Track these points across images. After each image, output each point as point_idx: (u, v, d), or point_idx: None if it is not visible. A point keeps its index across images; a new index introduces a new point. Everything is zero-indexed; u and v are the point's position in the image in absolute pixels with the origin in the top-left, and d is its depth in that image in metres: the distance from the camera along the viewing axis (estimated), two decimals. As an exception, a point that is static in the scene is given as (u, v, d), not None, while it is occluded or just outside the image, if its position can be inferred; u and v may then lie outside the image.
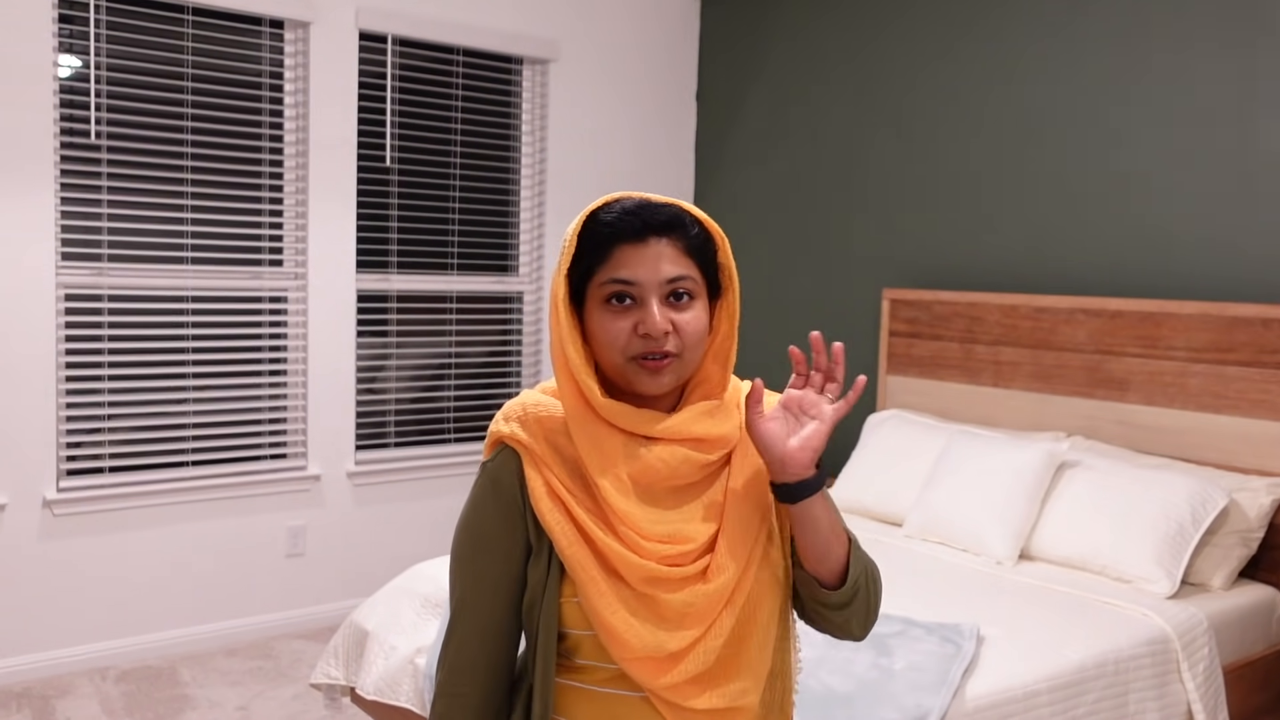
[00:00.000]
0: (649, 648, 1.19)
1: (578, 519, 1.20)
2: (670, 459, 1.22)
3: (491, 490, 1.25)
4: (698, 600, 1.21)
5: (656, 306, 1.20)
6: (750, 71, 4.92)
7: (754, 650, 1.25)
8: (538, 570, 1.23)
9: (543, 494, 1.21)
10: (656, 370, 1.21)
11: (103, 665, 3.77)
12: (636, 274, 1.20)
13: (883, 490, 3.69)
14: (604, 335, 1.21)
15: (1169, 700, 2.64)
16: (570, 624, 1.22)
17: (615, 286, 1.20)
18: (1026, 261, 3.87)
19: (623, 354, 1.20)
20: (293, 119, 4.09)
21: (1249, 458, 3.19)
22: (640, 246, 1.21)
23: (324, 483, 4.22)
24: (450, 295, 4.58)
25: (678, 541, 1.21)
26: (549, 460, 1.22)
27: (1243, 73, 3.30)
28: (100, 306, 3.75)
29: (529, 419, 1.25)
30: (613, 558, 1.19)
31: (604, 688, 1.24)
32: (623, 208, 1.22)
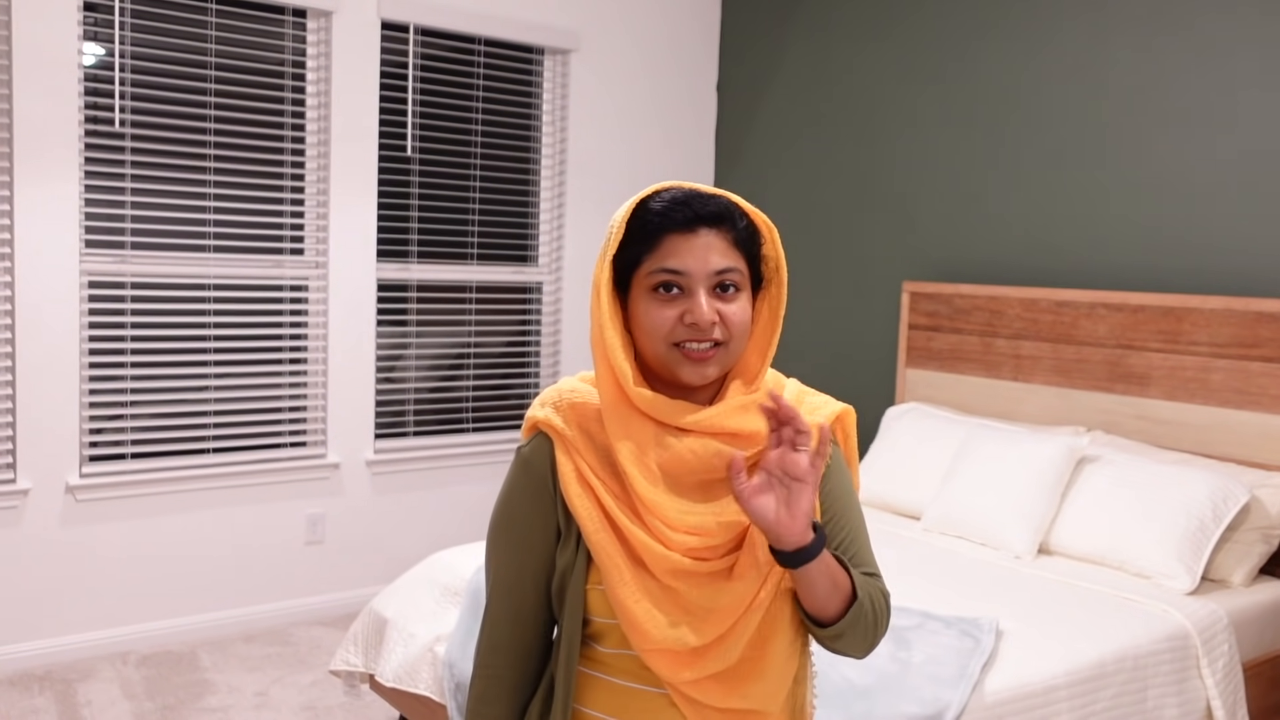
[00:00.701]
0: (669, 640, 1.18)
1: (605, 506, 1.21)
2: (702, 451, 1.21)
3: (524, 474, 1.26)
4: (723, 597, 1.20)
5: (704, 297, 1.20)
6: (771, 63, 4.90)
7: (778, 653, 1.25)
8: (565, 555, 1.24)
9: (572, 479, 1.22)
10: (701, 360, 1.21)
11: (124, 649, 3.81)
12: (685, 264, 1.20)
13: (901, 483, 3.68)
14: (649, 322, 1.21)
15: (1188, 696, 2.64)
16: (595, 611, 1.23)
17: (663, 275, 1.21)
18: (1048, 255, 3.85)
19: (665, 341, 1.21)
20: (314, 108, 4.11)
21: (1271, 454, 3.17)
22: (690, 237, 1.21)
23: (343, 471, 4.25)
24: (470, 285, 4.59)
25: (705, 534, 1.21)
26: (580, 446, 1.23)
27: (1265, 65, 3.27)
28: (123, 294, 3.78)
29: (564, 404, 1.26)
30: (638, 547, 1.19)
31: (625, 680, 1.24)
32: (672, 197, 1.22)
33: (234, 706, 3.37)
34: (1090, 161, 3.72)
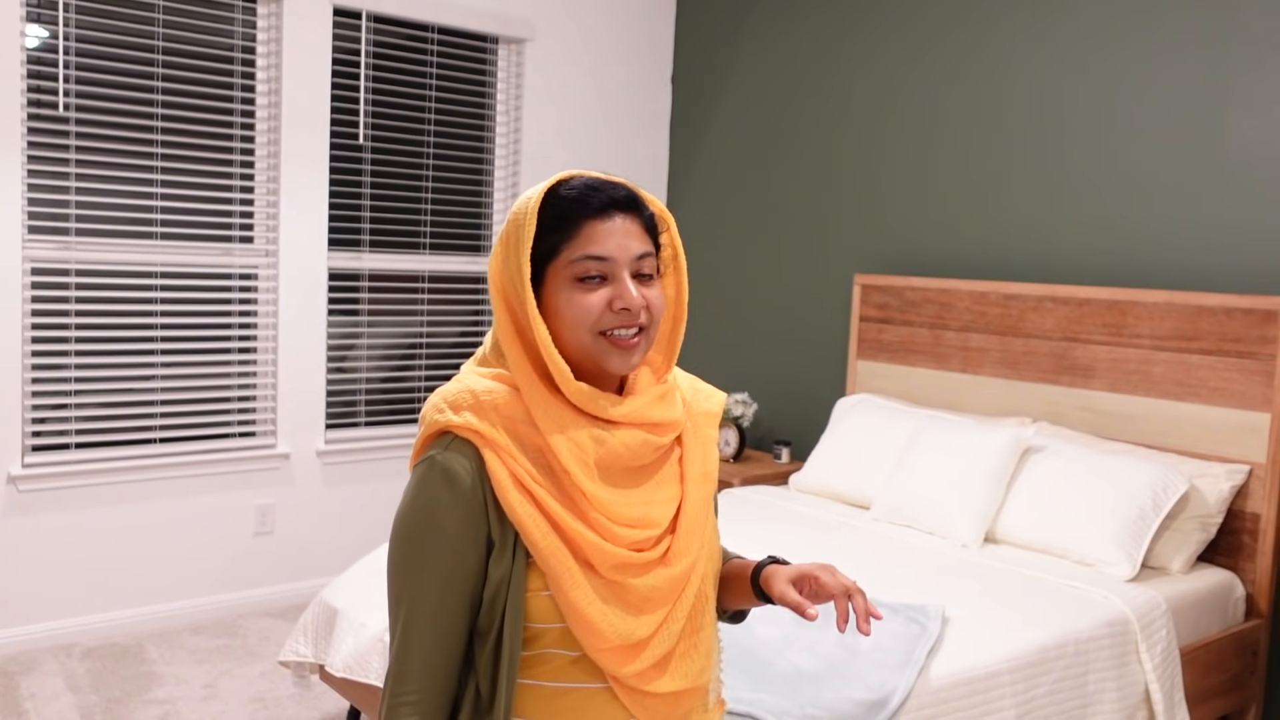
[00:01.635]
0: (621, 636, 1.18)
1: (547, 509, 1.16)
2: (633, 443, 1.22)
3: (446, 485, 1.16)
4: (661, 584, 1.22)
5: (629, 282, 1.19)
6: (725, 56, 4.92)
7: (708, 628, 1.28)
8: (501, 565, 1.17)
9: (509, 485, 1.16)
10: (629, 347, 1.20)
11: (68, 642, 3.75)
12: (608, 249, 1.18)
13: (851, 474, 3.72)
14: (574, 312, 1.18)
15: (1127, 680, 2.70)
16: (535, 618, 1.18)
17: (588, 263, 1.18)
18: (997, 249, 3.91)
19: (592, 331, 1.18)
20: (265, 94, 4.06)
21: (1209, 444, 3.25)
22: (607, 222, 1.19)
23: (293, 461, 4.21)
24: (422, 275, 4.56)
25: (647, 525, 1.22)
26: (511, 449, 1.17)
27: (1211, 66, 3.34)
28: (67, 281, 3.71)
29: (483, 406, 1.18)
30: (586, 547, 1.17)
31: (560, 681, 1.21)
32: (584, 184, 1.21)
33: (181, 699, 3.34)
34: (1039, 158, 3.78)
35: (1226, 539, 3.23)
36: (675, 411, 1.27)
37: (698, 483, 1.28)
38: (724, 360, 4.95)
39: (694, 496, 1.27)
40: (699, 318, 5.08)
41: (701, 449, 1.30)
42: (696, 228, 5.09)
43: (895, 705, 2.17)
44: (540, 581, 1.17)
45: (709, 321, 5.03)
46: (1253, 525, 3.18)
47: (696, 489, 1.27)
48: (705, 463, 1.30)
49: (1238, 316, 3.18)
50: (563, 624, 1.18)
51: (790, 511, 3.59)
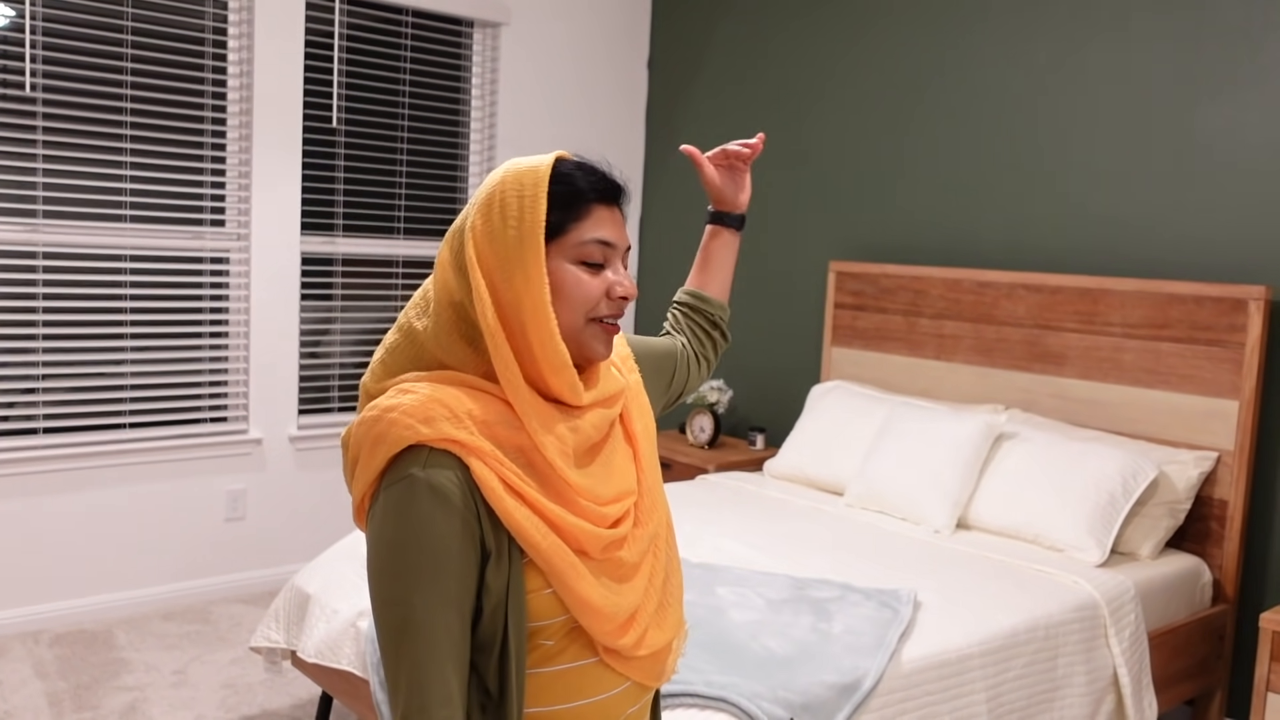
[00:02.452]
0: (621, 611, 1.18)
1: (541, 509, 1.14)
2: (598, 422, 1.22)
3: (438, 502, 1.09)
4: (641, 546, 1.23)
5: (624, 271, 1.22)
6: (702, 42, 4.91)
7: (676, 574, 1.30)
8: (500, 573, 1.13)
9: (502, 492, 1.11)
10: (613, 334, 1.21)
11: (36, 629, 3.71)
12: (613, 236, 1.19)
13: (825, 460, 3.74)
14: (578, 294, 1.17)
15: (1096, 664, 2.73)
16: (535, 617, 1.16)
17: (596, 248, 1.17)
18: (971, 237, 3.92)
19: (587, 315, 1.18)
20: (236, 75, 4.01)
21: (1179, 431, 3.28)
22: (611, 209, 1.20)
23: (265, 446, 4.18)
24: (396, 259, 4.53)
25: (624, 497, 1.22)
26: (496, 455, 1.13)
27: (1182, 55, 3.36)
28: (35, 264, 3.66)
29: (457, 416, 1.12)
30: (581, 536, 1.16)
31: (554, 666, 1.20)
32: (589, 166, 1.21)
33: (151, 685, 3.31)
34: (1013, 147, 3.79)
35: (1194, 525, 3.27)
36: (619, 379, 1.28)
37: (644, 437, 1.30)
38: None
39: (645, 452, 1.28)
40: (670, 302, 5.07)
41: (636, 401, 1.32)
42: (672, 213, 5.08)
43: (867, 688, 2.19)
44: (539, 581, 1.16)
45: (684, 308, 5.02)
46: (1220, 512, 3.21)
47: (645, 443, 1.29)
48: (643, 415, 1.32)
49: (1208, 305, 3.21)
50: (563, 617, 1.17)
51: (764, 497, 3.60)
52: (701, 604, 2.47)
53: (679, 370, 1.55)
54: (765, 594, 2.56)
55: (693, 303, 1.63)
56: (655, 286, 5.18)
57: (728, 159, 1.59)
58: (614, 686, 1.22)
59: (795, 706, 2.07)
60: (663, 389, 1.52)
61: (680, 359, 1.56)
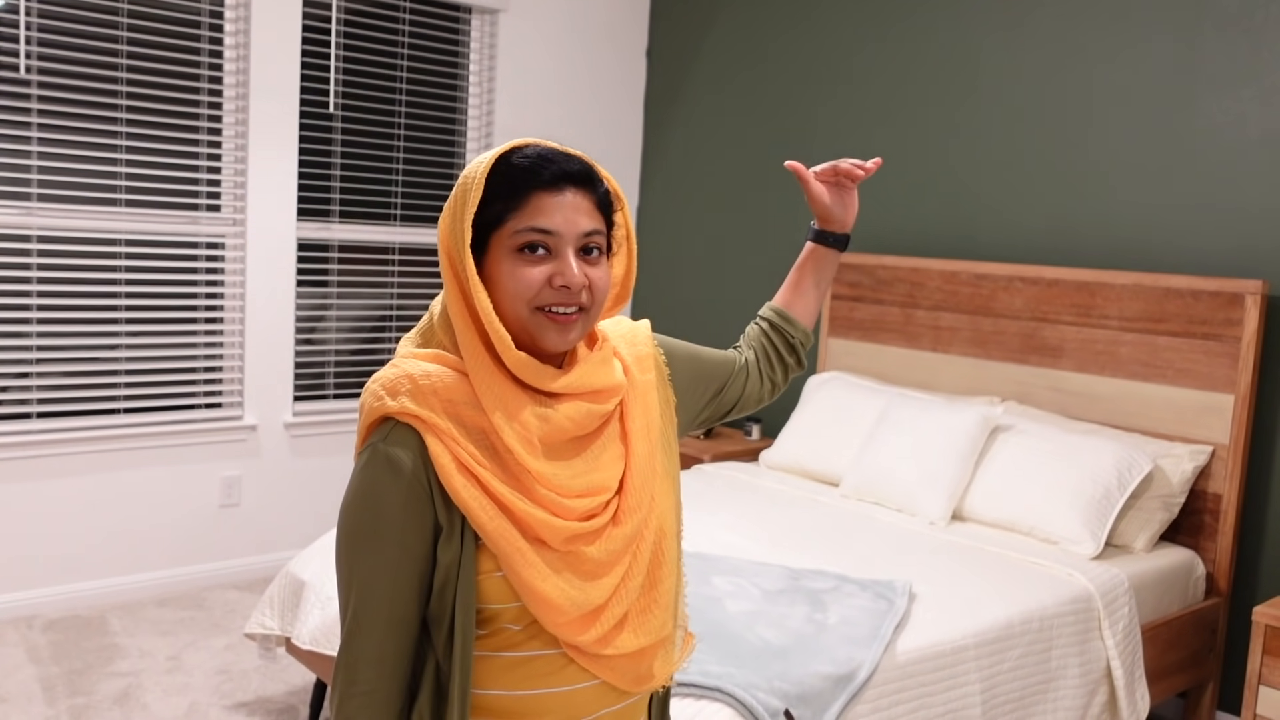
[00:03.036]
0: (578, 605, 1.17)
1: (493, 491, 1.14)
2: (577, 415, 1.20)
3: (390, 472, 1.14)
4: (616, 546, 1.21)
5: (573, 259, 1.17)
6: (700, 31, 4.89)
7: (667, 580, 1.27)
8: (450, 550, 1.15)
9: (453, 470, 1.13)
10: (566, 324, 1.17)
11: (29, 614, 3.71)
12: (554, 223, 1.16)
13: (821, 451, 3.74)
14: (513, 284, 1.16)
15: (1089, 657, 2.73)
16: (488, 599, 1.17)
17: (532, 235, 1.15)
18: (968, 229, 3.92)
19: (529, 305, 1.16)
20: (233, 60, 3.99)
21: (1174, 425, 3.29)
22: (557, 195, 1.16)
23: (260, 433, 4.17)
24: (393, 246, 4.52)
25: (595, 492, 1.21)
26: (453, 433, 1.15)
27: (1180, 49, 3.36)
28: (29, 248, 3.64)
29: (422, 391, 1.15)
30: (535, 524, 1.15)
31: (517, 651, 1.20)
32: (538, 154, 1.18)
33: (145, 670, 3.31)
34: (1010, 139, 3.79)
35: (1189, 519, 3.28)
36: (615, 376, 1.25)
37: (640, 436, 1.27)
38: (695, 335, 4.94)
39: (639, 452, 1.26)
40: (671, 292, 5.07)
41: (641, 401, 1.29)
42: (671, 202, 5.07)
43: (862, 679, 2.19)
44: (492, 563, 1.16)
45: (681, 296, 5.03)
46: (1214, 506, 3.22)
47: (640, 443, 1.26)
48: (647, 414, 1.29)
49: (1204, 299, 3.21)
50: (518, 603, 1.17)
51: (760, 488, 3.61)
52: (697, 594, 2.47)
53: (732, 385, 1.49)
54: (761, 584, 2.57)
55: (776, 321, 1.55)
56: (652, 276, 5.17)
57: (837, 176, 1.51)
58: (577, 681, 1.21)
59: (790, 697, 2.07)
60: (706, 398, 1.47)
61: (737, 374, 1.50)
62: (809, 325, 1.57)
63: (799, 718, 2.06)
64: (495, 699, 1.20)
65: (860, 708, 2.19)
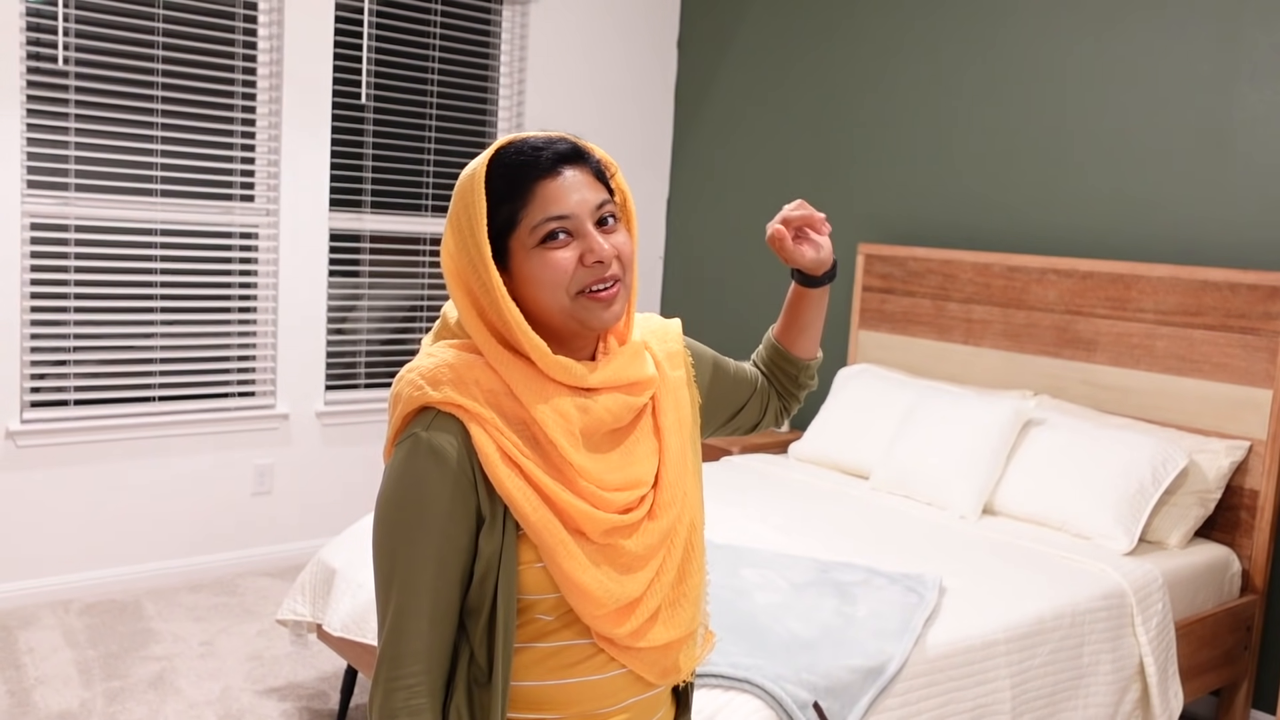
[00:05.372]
0: (616, 599, 1.18)
1: (536, 481, 1.15)
2: (615, 407, 1.21)
3: (434, 461, 1.13)
4: (652, 540, 1.22)
5: (595, 233, 1.17)
6: (732, 22, 4.87)
7: (695, 574, 1.27)
8: (492, 540, 1.15)
9: (497, 459, 1.13)
10: (609, 299, 1.17)
11: (66, 598, 3.76)
12: (568, 206, 1.16)
13: (851, 444, 3.72)
14: (548, 276, 1.15)
15: (1122, 653, 2.71)
16: (528, 590, 1.18)
17: (551, 224, 1.15)
18: (1001, 220, 3.88)
19: (569, 292, 1.16)
20: (266, 51, 4.02)
21: (1210, 420, 3.25)
22: (558, 179, 1.16)
23: (292, 422, 4.21)
24: (424, 237, 4.54)
25: (633, 485, 1.21)
26: (497, 423, 1.14)
27: (1222, 38, 3.30)
28: (66, 237, 3.69)
29: (464, 380, 1.15)
30: (576, 515, 1.16)
31: (550, 642, 1.21)
32: (526, 146, 1.18)
33: (179, 655, 3.35)
34: (1045, 129, 3.75)
35: (1224, 515, 3.24)
36: (648, 369, 1.26)
37: (673, 431, 1.27)
38: (725, 328, 4.93)
39: (672, 446, 1.26)
40: (700, 283, 5.06)
41: (672, 396, 1.29)
42: (700, 193, 5.06)
43: (892, 672, 2.18)
44: (532, 554, 1.16)
45: (710, 288, 5.01)
46: (1251, 502, 3.18)
47: (673, 438, 1.27)
48: (678, 409, 1.29)
49: (1242, 292, 3.16)
50: (556, 594, 1.18)
51: (789, 480, 3.60)
52: (726, 585, 2.47)
53: (750, 406, 1.50)
54: (789, 576, 2.56)
55: (780, 361, 1.52)
56: (683, 265, 5.16)
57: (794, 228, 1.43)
58: (606, 671, 1.22)
59: (819, 689, 2.07)
60: (723, 414, 1.47)
61: (758, 397, 1.50)
62: (814, 354, 1.54)
63: (827, 710, 2.05)
64: (527, 690, 1.21)
65: (889, 701, 2.18)
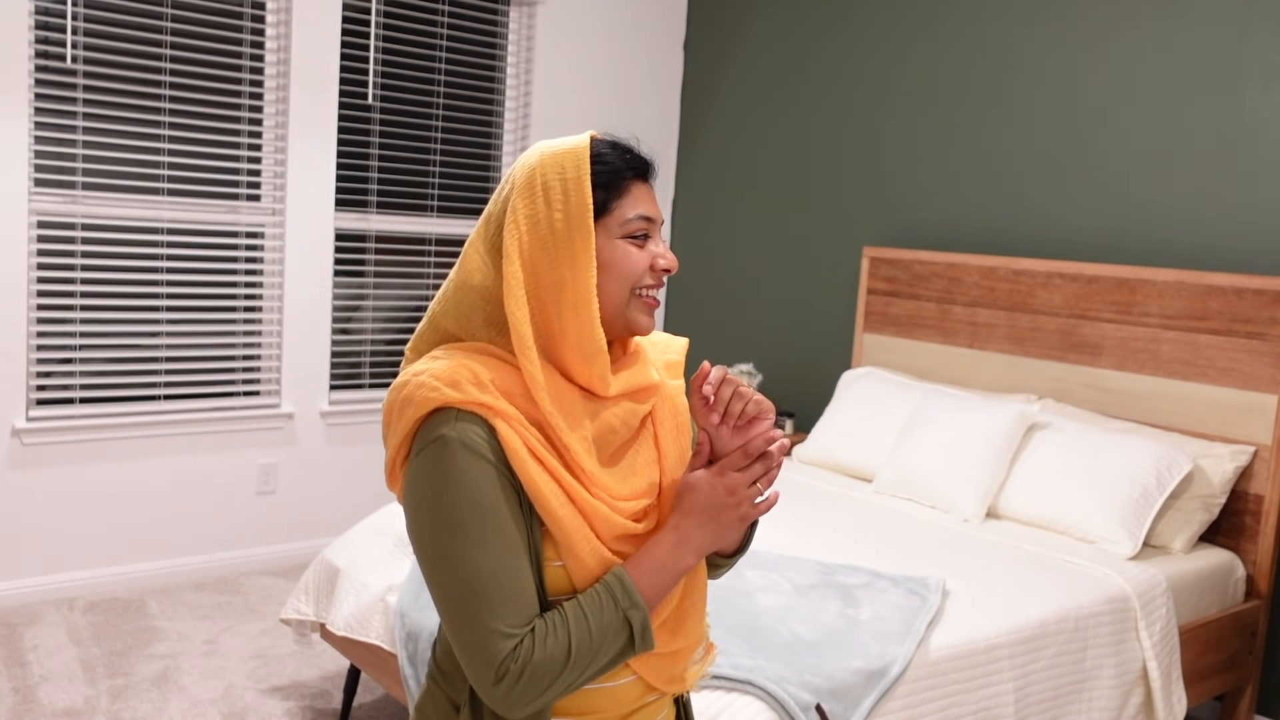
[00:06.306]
0: None
1: (560, 478, 1.15)
2: (621, 413, 1.21)
3: (473, 456, 1.11)
4: None
5: (664, 245, 1.23)
6: (738, 24, 4.87)
7: (702, 587, 1.28)
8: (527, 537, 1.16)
9: (526, 456, 1.13)
10: (654, 306, 1.23)
11: (70, 595, 3.77)
12: (654, 211, 1.22)
13: (855, 446, 3.72)
14: (626, 267, 1.18)
15: (1126, 657, 2.70)
16: (547, 590, 1.17)
17: (641, 224, 1.20)
18: (1006, 224, 3.88)
19: (633, 289, 1.20)
20: (274, 51, 4.03)
21: (1215, 425, 3.24)
22: (645, 184, 1.22)
23: (297, 421, 4.21)
24: (429, 237, 4.54)
25: (645, 495, 1.22)
26: (521, 419, 1.15)
27: (1229, 42, 3.30)
28: (73, 235, 3.70)
29: (483, 381, 1.14)
30: (594, 517, 1.16)
31: None
32: (622, 145, 1.22)
33: (183, 654, 3.36)
34: (1050, 133, 3.75)
35: (1229, 520, 3.23)
36: (653, 375, 1.27)
37: (671, 439, 1.28)
38: (729, 330, 4.93)
39: (671, 455, 1.27)
40: (704, 287, 5.07)
41: (670, 404, 1.30)
42: (706, 196, 5.06)
43: (894, 675, 2.18)
44: (552, 552, 1.17)
45: (715, 291, 5.02)
46: (1255, 507, 3.17)
47: (672, 446, 1.28)
48: (676, 417, 1.30)
49: (1248, 297, 3.16)
50: (572, 594, 1.18)
51: (793, 483, 3.59)
52: (729, 587, 2.47)
53: None
54: (793, 579, 2.56)
55: None
56: (687, 268, 5.16)
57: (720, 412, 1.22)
58: (618, 678, 1.23)
59: (822, 691, 2.07)
60: None
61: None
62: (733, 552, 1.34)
63: (830, 712, 2.05)
64: None
65: (892, 704, 2.18)
